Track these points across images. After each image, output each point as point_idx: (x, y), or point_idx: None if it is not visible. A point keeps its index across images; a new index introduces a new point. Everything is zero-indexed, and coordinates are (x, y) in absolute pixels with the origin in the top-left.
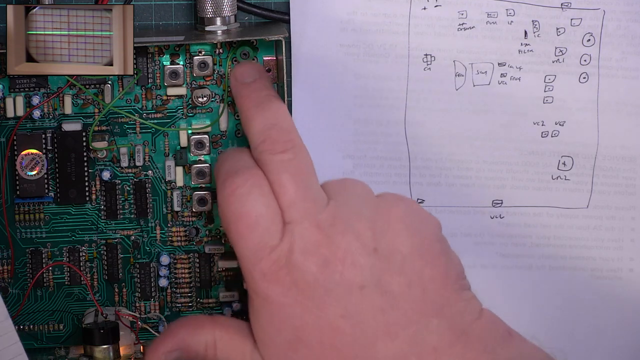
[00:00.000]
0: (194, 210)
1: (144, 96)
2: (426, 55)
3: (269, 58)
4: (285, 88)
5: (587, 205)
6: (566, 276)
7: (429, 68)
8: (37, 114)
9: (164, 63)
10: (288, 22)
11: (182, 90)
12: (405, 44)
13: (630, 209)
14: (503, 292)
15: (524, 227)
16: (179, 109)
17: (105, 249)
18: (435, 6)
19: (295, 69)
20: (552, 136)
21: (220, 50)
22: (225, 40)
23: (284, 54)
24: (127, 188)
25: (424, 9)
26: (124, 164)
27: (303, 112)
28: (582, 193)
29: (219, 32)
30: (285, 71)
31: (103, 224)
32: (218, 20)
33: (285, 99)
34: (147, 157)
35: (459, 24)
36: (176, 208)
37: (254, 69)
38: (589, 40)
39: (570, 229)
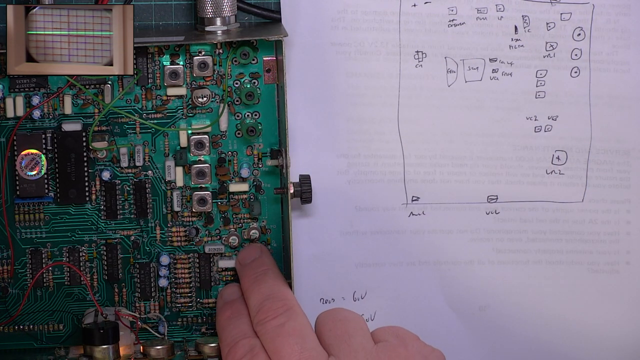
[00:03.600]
0: (194, 210)
1: (144, 96)
2: (417, 52)
3: (269, 58)
4: (285, 88)
5: (582, 199)
6: (563, 271)
7: (421, 65)
8: (37, 114)
9: (164, 63)
10: None
11: (182, 90)
12: (396, 41)
13: (625, 202)
14: (500, 288)
15: (519, 222)
16: (179, 109)
17: (105, 249)
18: (425, 3)
19: (288, 68)
20: (545, 131)
21: (220, 51)
22: (225, 40)
23: (283, 54)
24: (127, 188)
25: (414, 5)
26: (124, 164)
27: (296, 111)
28: (577, 187)
29: (219, 32)
30: (285, 71)
31: (103, 224)
32: (218, 21)
33: (285, 98)
34: (147, 157)
35: (449, 21)
36: (176, 208)
37: (255, 250)
38: (579, 34)
39: (566, 223)
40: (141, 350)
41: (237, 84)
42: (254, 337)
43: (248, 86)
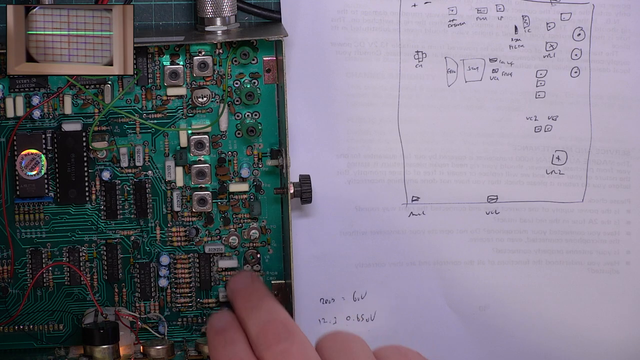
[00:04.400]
0: (194, 210)
1: (144, 96)
2: (417, 52)
3: (269, 58)
4: (285, 88)
5: (582, 199)
6: (563, 271)
7: (421, 65)
8: (37, 114)
9: (164, 63)
10: None
11: (182, 91)
12: (396, 41)
13: (625, 202)
14: (500, 288)
15: (519, 222)
16: (179, 109)
17: (105, 249)
18: (425, 3)
19: (288, 68)
20: (545, 131)
21: (220, 51)
22: (225, 40)
23: (283, 54)
24: (127, 188)
25: (414, 5)
26: (124, 164)
27: (296, 111)
28: (577, 187)
29: (219, 32)
30: (285, 71)
31: (103, 224)
32: (218, 21)
33: (285, 98)
34: (147, 157)
35: (449, 20)
36: (176, 208)
37: (246, 277)
38: (579, 34)
39: (566, 223)
40: (141, 350)
41: (237, 84)
42: None
43: (248, 86)
